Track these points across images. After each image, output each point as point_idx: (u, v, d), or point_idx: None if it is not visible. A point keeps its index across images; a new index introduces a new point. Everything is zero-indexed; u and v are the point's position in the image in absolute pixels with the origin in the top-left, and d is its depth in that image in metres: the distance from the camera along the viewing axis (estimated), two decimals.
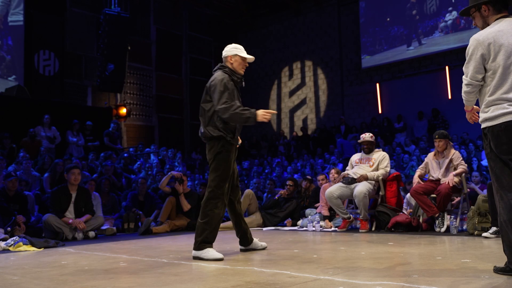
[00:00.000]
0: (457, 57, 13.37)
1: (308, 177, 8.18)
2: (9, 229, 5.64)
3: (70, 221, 6.00)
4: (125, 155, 10.84)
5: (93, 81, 13.93)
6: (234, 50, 4.00)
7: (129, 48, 13.21)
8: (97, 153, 10.19)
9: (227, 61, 4.00)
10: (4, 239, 5.17)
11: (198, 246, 3.71)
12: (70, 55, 13.96)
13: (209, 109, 3.83)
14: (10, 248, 4.88)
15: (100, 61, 12.80)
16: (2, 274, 3.29)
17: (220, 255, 3.66)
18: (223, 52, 4.04)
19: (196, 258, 3.69)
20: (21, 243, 4.94)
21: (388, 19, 14.73)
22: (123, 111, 14.48)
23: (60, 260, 3.95)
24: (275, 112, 4.04)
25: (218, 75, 3.88)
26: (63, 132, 10.68)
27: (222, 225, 6.81)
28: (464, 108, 3.04)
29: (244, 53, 4.00)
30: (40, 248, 4.93)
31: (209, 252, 3.67)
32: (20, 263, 3.93)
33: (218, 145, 3.79)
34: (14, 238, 5.06)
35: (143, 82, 15.80)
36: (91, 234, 6.18)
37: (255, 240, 4.20)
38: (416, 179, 5.70)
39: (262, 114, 3.74)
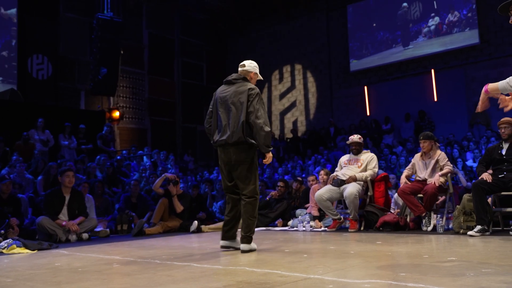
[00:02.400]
0: (442, 60, 13.56)
1: (299, 178, 8.26)
2: (2, 231, 5.64)
3: (64, 223, 6.03)
4: (118, 157, 10.87)
5: (86, 84, 13.93)
6: (256, 69, 4.45)
7: (121, 52, 13.24)
8: (90, 156, 10.22)
9: (247, 75, 4.36)
10: None
11: (249, 240, 4.08)
12: (63, 59, 13.94)
13: (245, 116, 4.07)
14: (4, 251, 4.86)
15: (93, 65, 12.80)
16: None
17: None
18: (247, 65, 4.38)
19: (246, 251, 4.02)
20: (14, 246, 4.92)
21: (374, 24, 14.94)
22: (116, 114, 14.49)
23: (53, 262, 3.95)
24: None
25: (252, 86, 4.22)
26: (56, 136, 10.70)
27: (213, 226, 6.91)
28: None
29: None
30: (33, 250, 4.93)
31: (255, 244, 4.16)
32: (13, 265, 3.92)
33: (251, 150, 4.13)
34: (8, 240, 5.05)
35: (136, 85, 15.81)
36: (85, 236, 6.21)
37: (238, 238, 4.30)
38: (403, 179, 5.79)
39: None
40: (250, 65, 4.41)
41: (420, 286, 2.33)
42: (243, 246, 4.05)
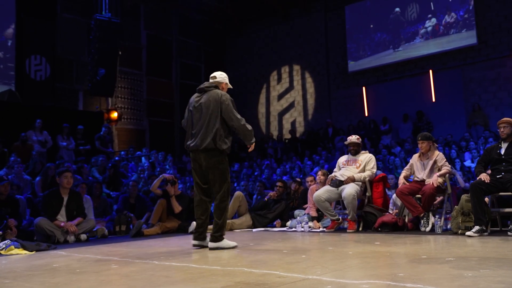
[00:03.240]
0: (440, 61, 13.59)
1: (297, 179, 8.26)
2: (0, 232, 5.63)
3: (62, 224, 6.01)
4: (116, 158, 10.86)
5: (85, 85, 13.93)
6: (226, 79, 4.72)
7: (120, 53, 13.24)
8: (88, 157, 10.23)
9: (219, 85, 4.62)
10: None
11: (218, 238, 4.37)
12: (61, 60, 13.94)
13: (219, 123, 4.36)
14: (2, 252, 4.85)
15: (91, 66, 12.79)
16: None
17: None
18: (218, 77, 4.66)
19: (214, 248, 4.34)
20: (12, 247, 4.90)
21: (372, 25, 14.96)
22: (114, 115, 14.49)
23: (51, 263, 3.94)
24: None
25: (223, 93, 4.49)
26: (54, 136, 10.70)
27: (211, 227, 6.91)
28: None
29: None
30: (32, 251, 4.91)
31: (227, 242, 4.41)
32: (11, 266, 3.91)
33: (221, 156, 4.40)
34: (6, 241, 5.03)
35: (134, 86, 15.81)
36: (83, 237, 6.20)
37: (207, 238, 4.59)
38: (401, 180, 5.78)
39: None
40: (220, 76, 4.69)
41: (418, 287, 2.33)
42: (211, 244, 4.37)
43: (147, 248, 4.97)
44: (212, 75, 4.70)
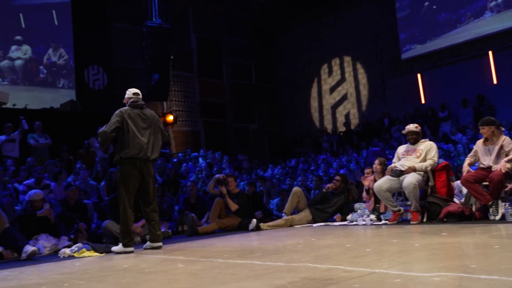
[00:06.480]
0: (499, 41, 12.82)
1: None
2: (72, 236, 5.96)
3: None
4: (175, 160, 11.12)
5: (140, 91, 14.34)
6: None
7: (171, 57, 13.55)
8: None
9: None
10: (68, 246, 5.43)
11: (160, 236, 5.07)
12: (117, 69, 14.48)
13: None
14: (75, 254, 5.08)
15: (145, 72, 13.19)
16: (69, 279, 3.43)
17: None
18: (140, 93, 5.33)
19: (159, 247, 4.98)
20: (84, 249, 5.14)
21: (435, 6, 14.23)
22: (170, 118, 14.84)
23: (121, 264, 4.08)
24: None
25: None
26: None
27: (271, 223, 6.95)
28: None
29: None
30: (102, 253, 5.11)
31: None
32: (85, 268, 4.08)
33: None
34: (78, 244, 5.29)
35: (187, 89, 16.16)
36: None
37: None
38: (466, 167, 5.56)
39: None
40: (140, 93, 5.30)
41: (494, 278, 2.23)
42: (159, 244, 4.99)
43: (210, 246, 5.05)
44: (134, 91, 5.27)
